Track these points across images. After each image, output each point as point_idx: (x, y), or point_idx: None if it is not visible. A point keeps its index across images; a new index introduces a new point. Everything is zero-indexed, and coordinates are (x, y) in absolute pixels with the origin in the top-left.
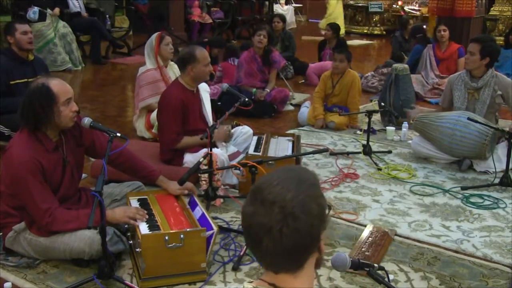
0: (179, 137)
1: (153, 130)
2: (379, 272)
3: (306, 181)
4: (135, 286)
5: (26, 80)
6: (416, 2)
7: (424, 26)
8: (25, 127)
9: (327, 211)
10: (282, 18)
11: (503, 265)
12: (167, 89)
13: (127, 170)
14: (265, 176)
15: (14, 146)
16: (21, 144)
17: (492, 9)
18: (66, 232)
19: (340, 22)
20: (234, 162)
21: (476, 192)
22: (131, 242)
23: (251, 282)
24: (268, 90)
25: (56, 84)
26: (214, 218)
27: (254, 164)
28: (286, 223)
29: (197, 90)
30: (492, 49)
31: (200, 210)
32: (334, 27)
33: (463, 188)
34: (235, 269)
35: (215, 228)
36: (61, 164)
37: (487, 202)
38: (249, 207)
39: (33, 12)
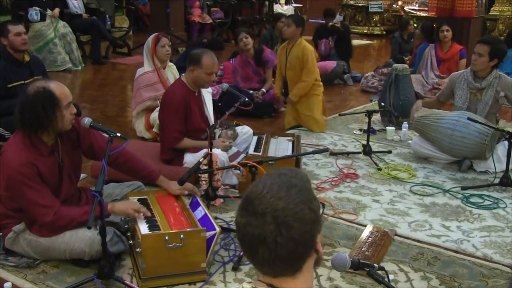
0: (180, 135)
1: (153, 130)
2: (379, 272)
3: (296, 186)
4: (135, 286)
5: (22, 82)
6: (416, 2)
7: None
8: (23, 131)
9: (321, 211)
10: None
11: (503, 265)
12: (170, 87)
13: (127, 171)
14: (254, 184)
15: (8, 149)
16: (16, 147)
17: (492, 9)
18: (67, 231)
19: None
20: (234, 163)
21: (476, 192)
22: (131, 242)
23: (250, 282)
24: (265, 90)
25: (57, 88)
26: (214, 218)
27: (254, 164)
28: (280, 232)
29: (199, 91)
30: (501, 51)
31: (202, 210)
32: (344, 25)
33: (463, 188)
34: (235, 269)
35: (217, 229)
36: (57, 167)
37: (487, 202)
38: (241, 218)
39: (35, 13)
